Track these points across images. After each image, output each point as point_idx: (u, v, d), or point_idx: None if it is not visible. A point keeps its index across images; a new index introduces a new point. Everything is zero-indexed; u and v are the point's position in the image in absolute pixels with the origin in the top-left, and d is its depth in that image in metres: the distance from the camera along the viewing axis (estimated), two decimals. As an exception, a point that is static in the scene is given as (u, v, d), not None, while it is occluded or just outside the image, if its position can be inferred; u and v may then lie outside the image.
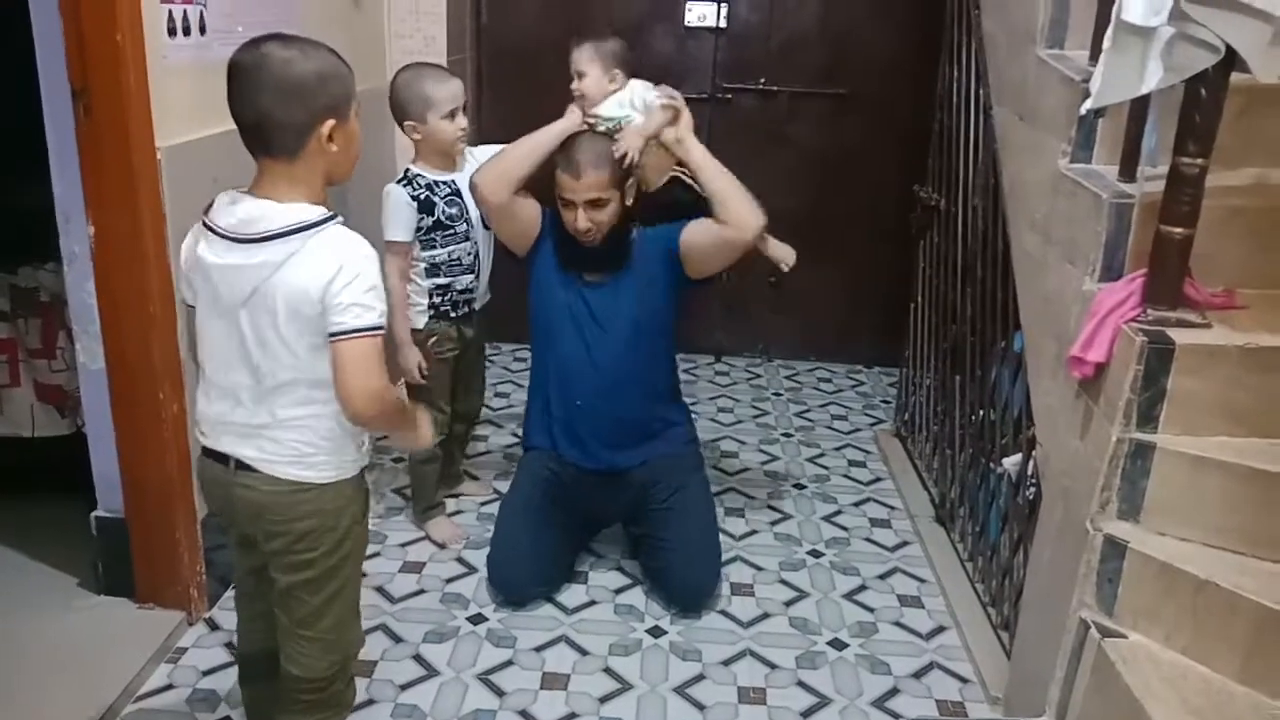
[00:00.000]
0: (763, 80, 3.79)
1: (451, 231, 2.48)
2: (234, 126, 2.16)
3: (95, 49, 1.88)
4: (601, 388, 2.39)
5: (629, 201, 2.35)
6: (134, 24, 1.89)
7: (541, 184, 2.37)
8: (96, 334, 2.08)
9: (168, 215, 2.02)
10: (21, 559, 2.39)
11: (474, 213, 2.50)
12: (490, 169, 2.33)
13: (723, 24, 3.74)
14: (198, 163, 2.12)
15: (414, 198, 2.43)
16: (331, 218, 1.46)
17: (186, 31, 2.08)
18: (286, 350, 1.45)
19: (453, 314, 2.54)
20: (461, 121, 2.45)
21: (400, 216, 2.43)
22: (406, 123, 2.44)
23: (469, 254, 2.51)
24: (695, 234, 2.37)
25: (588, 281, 2.39)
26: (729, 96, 3.81)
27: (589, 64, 2.42)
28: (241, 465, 1.52)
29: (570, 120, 2.36)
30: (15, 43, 1.99)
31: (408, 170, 2.49)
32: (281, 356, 1.46)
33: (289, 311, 1.42)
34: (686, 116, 2.39)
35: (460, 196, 2.49)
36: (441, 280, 2.49)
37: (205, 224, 1.49)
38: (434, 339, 2.53)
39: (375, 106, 3.24)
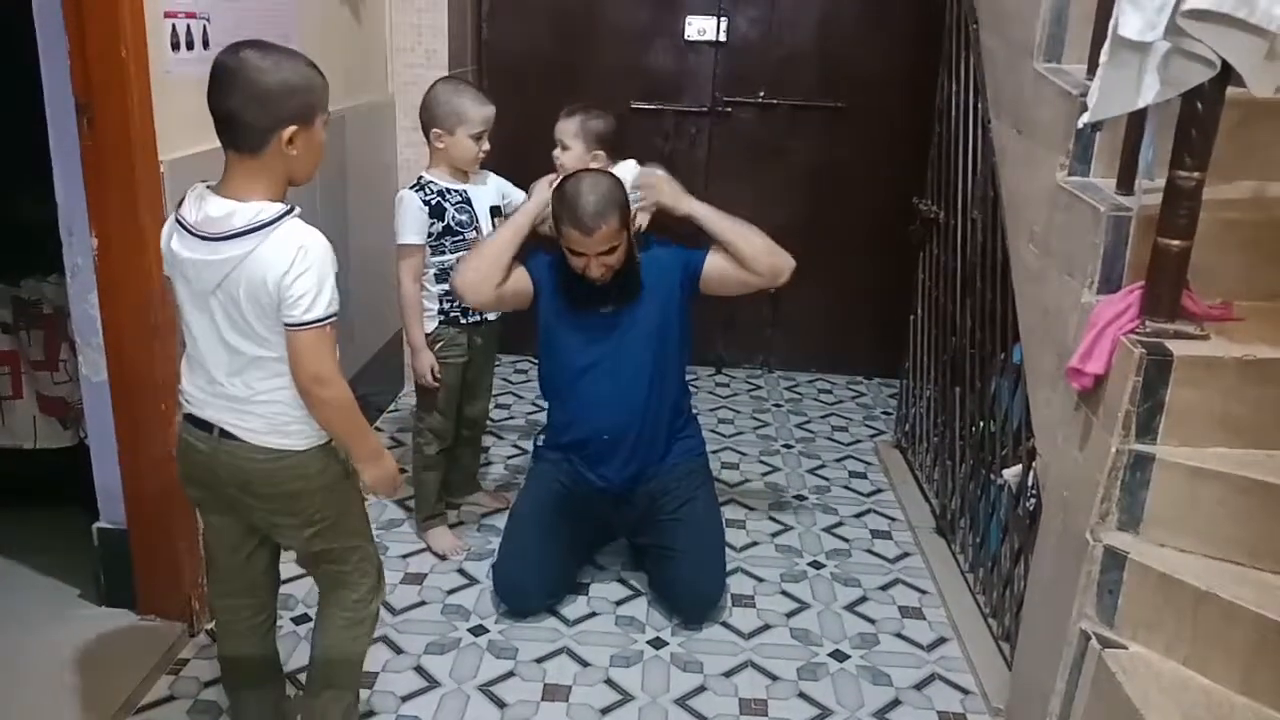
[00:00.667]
0: (762, 93, 3.81)
1: (461, 238, 2.50)
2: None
3: (99, 63, 1.90)
4: (627, 418, 2.39)
5: (633, 230, 2.33)
6: (138, 38, 1.91)
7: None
8: (99, 346, 2.09)
9: (171, 228, 2.03)
10: (23, 570, 2.39)
11: (484, 221, 2.53)
12: (468, 275, 2.31)
13: (722, 38, 3.76)
14: (200, 176, 2.11)
15: (425, 203, 2.46)
16: (288, 212, 1.56)
17: (190, 46, 2.09)
18: (254, 332, 1.57)
19: (463, 320, 2.56)
20: (485, 144, 2.47)
21: (412, 220, 2.46)
22: (434, 130, 2.47)
23: None
24: (720, 271, 2.38)
25: (602, 314, 2.37)
26: (728, 110, 3.83)
27: (573, 139, 2.47)
28: (225, 434, 1.63)
29: (540, 198, 2.36)
30: (20, 56, 2.00)
31: (421, 177, 2.52)
32: (250, 337, 1.58)
33: (250, 300, 1.54)
34: (669, 190, 2.41)
35: (470, 205, 2.52)
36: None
37: (177, 219, 1.60)
38: (440, 343, 2.54)
39: (377, 118, 3.27)
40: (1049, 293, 1.94)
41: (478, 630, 2.33)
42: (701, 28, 3.76)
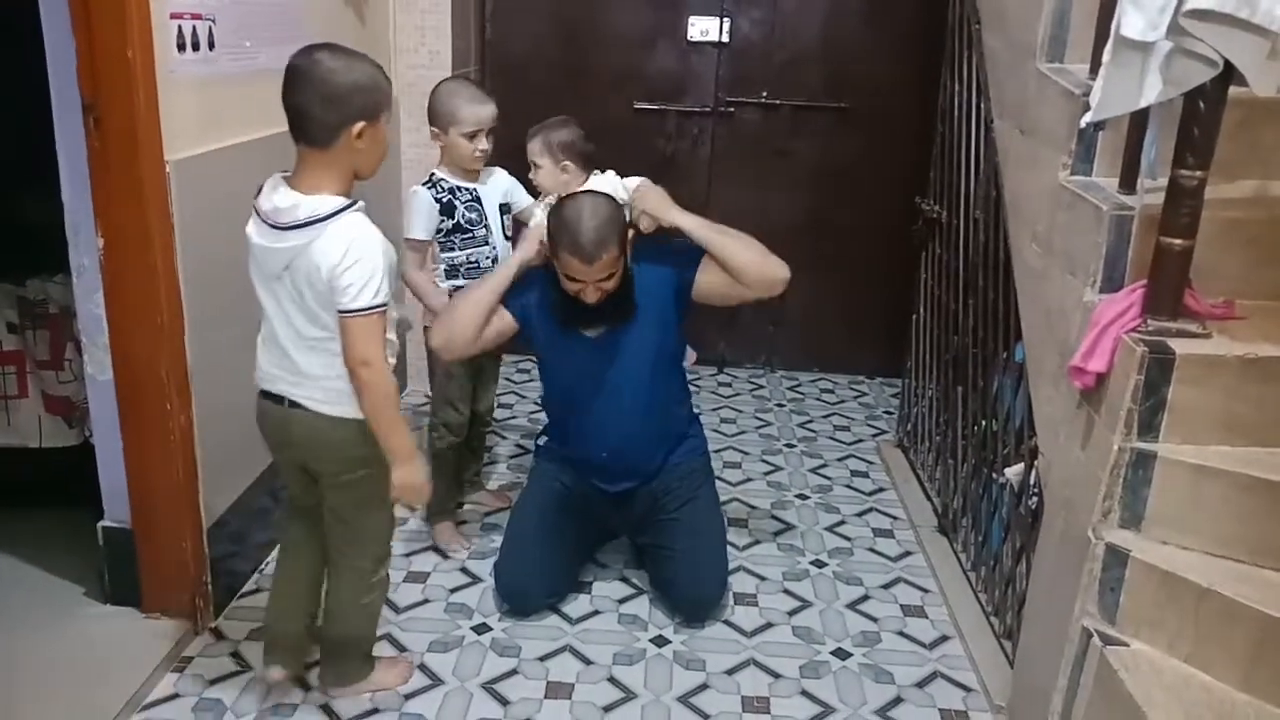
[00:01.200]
0: (765, 94, 3.82)
1: (470, 235, 2.51)
2: (242, 140, 2.21)
3: (106, 63, 1.90)
4: (626, 439, 2.37)
5: (629, 249, 2.27)
6: (144, 39, 1.91)
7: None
8: (105, 345, 2.10)
9: (176, 228, 2.04)
10: (29, 569, 2.40)
11: (494, 220, 2.54)
12: (442, 335, 2.29)
13: (725, 39, 3.76)
14: (206, 176, 2.15)
15: (437, 199, 2.48)
16: (348, 206, 1.72)
17: (196, 47, 2.10)
18: (314, 316, 1.75)
19: None
20: (482, 144, 2.46)
21: (421, 216, 2.47)
22: (432, 129, 2.49)
23: (487, 258, 2.52)
24: (713, 284, 2.30)
25: (596, 338, 2.33)
26: (731, 110, 3.84)
27: (540, 155, 2.46)
28: (294, 404, 1.83)
29: (528, 251, 2.29)
30: (27, 57, 2.01)
31: (433, 174, 2.53)
32: (312, 320, 1.76)
33: (309, 286, 1.72)
34: (655, 200, 2.30)
35: (480, 203, 2.53)
36: (459, 282, 2.50)
37: (254, 206, 1.77)
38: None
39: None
40: (1051, 292, 1.94)
41: (481, 628, 2.34)
42: (704, 28, 3.76)
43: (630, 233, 2.27)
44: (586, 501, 2.46)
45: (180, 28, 2.05)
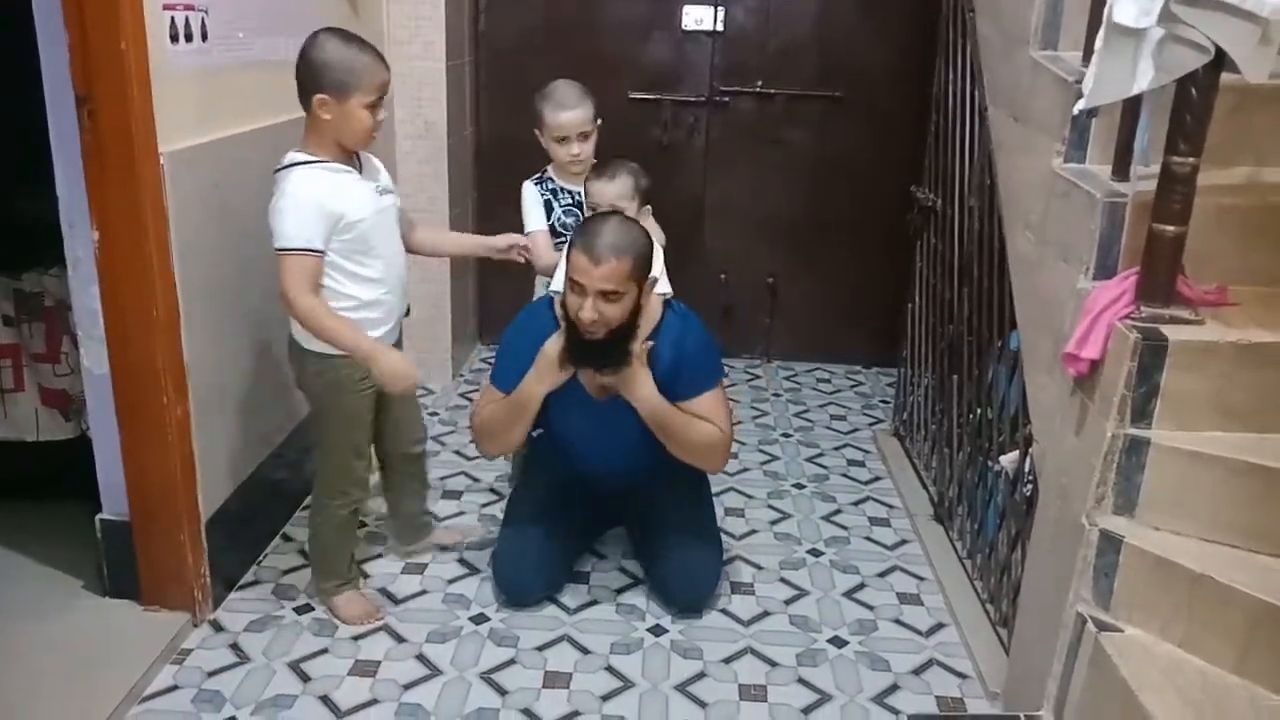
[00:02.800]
0: (759, 83, 3.82)
1: (563, 239, 2.51)
2: (235, 132, 2.22)
3: (99, 56, 1.90)
4: (624, 465, 2.36)
5: (644, 301, 2.16)
6: (137, 31, 1.91)
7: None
8: (101, 338, 2.09)
9: (171, 220, 2.04)
10: (26, 562, 2.40)
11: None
12: (487, 446, 2.38)
13: (719, 28, 3.76)
14: (200, 168, 2.15)
15: (540, 195, 2.52)
16: (304, 162, 2.02)
17: (189, 38, 2.10)
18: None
19: None
20: (574, 148, 2.47)
21: (532, 210, 2.54)
22: (535, 130, 2.52)
23: None
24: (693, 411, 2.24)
25: (599, 399, 2.24)
26: (726, 100, 3.84)
27: (629, 199, 2.38)
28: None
29: (551, 381, 2.18)
30: (19, 50, 2.01)
31: (545, 170, 2.58)
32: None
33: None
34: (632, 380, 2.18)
35: (581, 209, 2.53)
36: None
37: None
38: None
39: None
40: (1045, 279, 1.95)
41: (479, 619, 2.34)
42: (699, 17, 3.76)
43: (652, 284, 2.17)
44: (583, 492, 2.46)
45: (173, 19, 2.04)
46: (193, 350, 2.13)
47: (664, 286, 2.30)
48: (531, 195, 2.58)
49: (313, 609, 2.34)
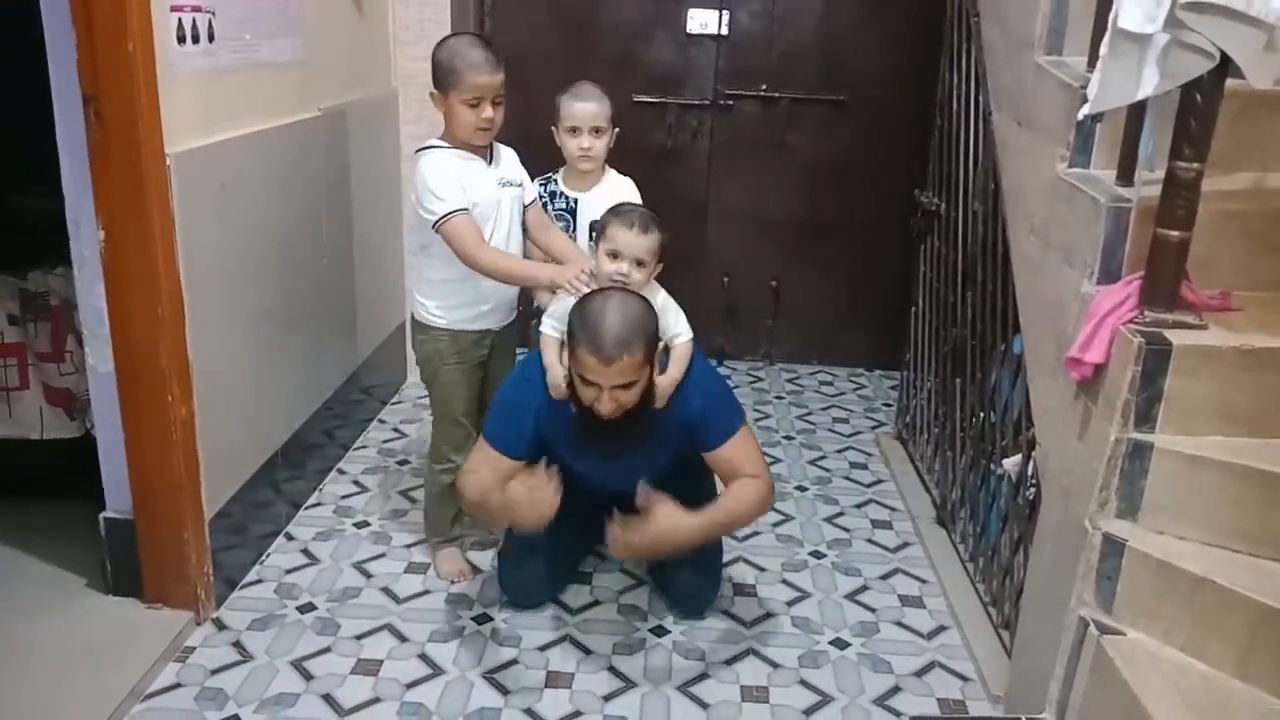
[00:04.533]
0: (764, 87, 3.82)
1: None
2: (241, 133, 2.23)
3: (106, 56, 1.91)
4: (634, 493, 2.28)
5: (657, 374, 2.07)
6: (144, 32, 1.92)
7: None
8: (106, 337, 2.10)
9: (177, 220, 2.04)
10: (30, 560, 2.41)
11: (581, 238, 2.49)
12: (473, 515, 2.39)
13: (724, 31, 3.77)
14: (206, 169, 2.15)
15: (540, 196, 2.51)
16: (428, 147, 2.27)
17: (195, 39, 2.10)
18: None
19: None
20: (585, 141, 2.44)
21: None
22: (552, 127, 2.52)
23: None
24: (719, 469, 2.20)
25: (604, 455, 2.15)
26: (730, 103, 3.84)
27: (654, 255, 2.15)
28: None
29: (540, 520, 2.03)
30: (27, 50, 2.01)
31: (553, 174, 2.57)
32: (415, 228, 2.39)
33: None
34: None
35: (573, 215, 2.51)
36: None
37: None
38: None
39: (381, 110, 3.28)
40: (1049, 284, 1.95)
41: (481, 619, 2.35)
42: (703, 21, 3.76)
43: (662, 350, 2.09)
44: (588, 500, 2.45)
45: (180, 20, 2.05)
46: (197, 349, 2.14)
47: (686, 331, 2.18)
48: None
49: (315, 607, 2.34)
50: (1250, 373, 1.63)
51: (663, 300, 2.18)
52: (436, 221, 2.19)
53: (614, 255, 2.12)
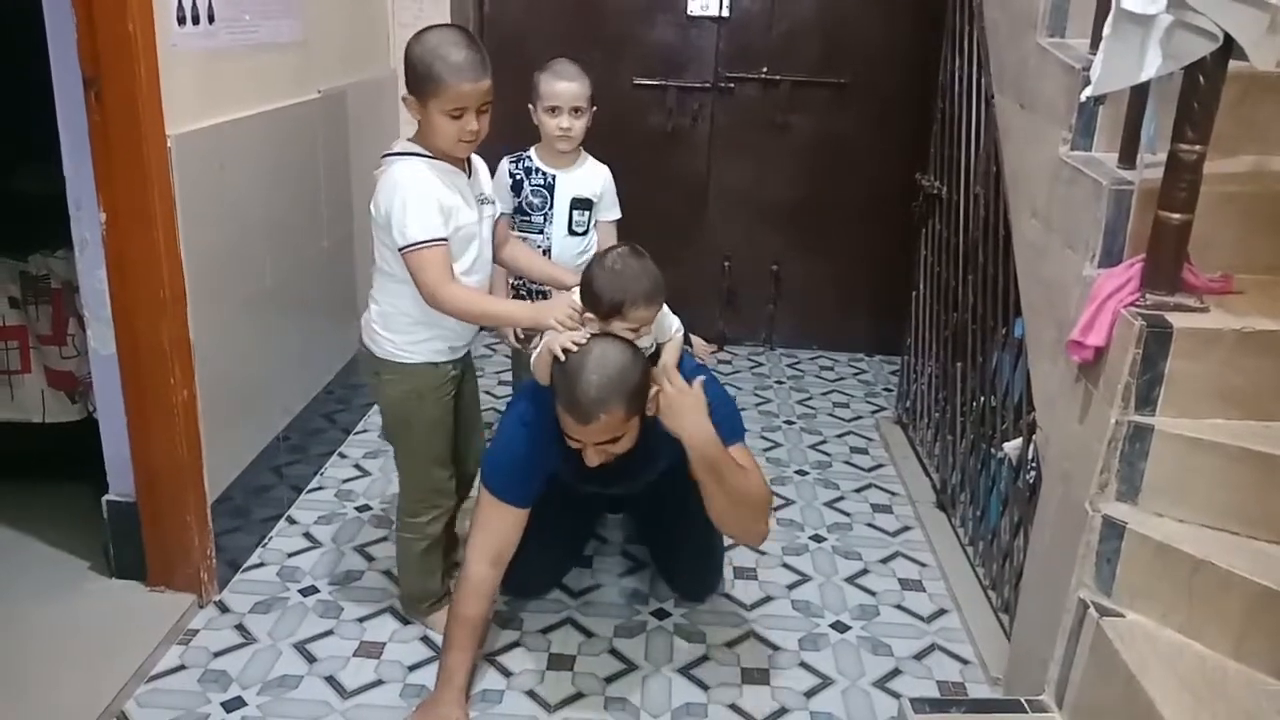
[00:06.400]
0: (765, 69, 3.81)
1: (527, 219, 2.49)
2: (241, 115, 2.21)
3: (106, 37, 1.90)
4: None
5: (649, 413, 1.92)
6: (144, 12, 1.91)
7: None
8: (108, 320, 2.10)
9: (177, 202, 2.04)
10: (33, 543, 2.42)
11: (559, 215, 2.48)
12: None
13: (725, 13, 3.75)
14: (206, 150, 2.15)
15: (512, 174, 2.48)
16: (405, 154, 1.92)
17: (195, 20, 2.10)
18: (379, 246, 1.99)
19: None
20: (564, 121, 2.40)
21: (498, 191, 2.26)
22: (530, 104, 2.48)
23: (539, 248, 2.47)
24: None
25: (605, 482, 2.09)
26: (731, 86, 3.83)
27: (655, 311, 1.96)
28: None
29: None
30: (27, 31, 2.01)
31: (525, 150, 2.52)
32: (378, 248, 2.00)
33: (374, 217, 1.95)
34: (682, 403, 1.92)
35: (550, 191, 2.48)
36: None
37: None
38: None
39: (379, 92, 3.27)
40: (1050, 266, 1.95)
41: (483, 601, 2.35)
42: (704, 3, 3.75)
43: (654, 397, 1.91)
44: (585, 494, 2.45)
45: (180, 1, 2.04)
46: (199, 332, 2.14)
47: (674, 324, 2.08)
48: (500, 172, 2.45)
49: (318, 590, 2.35)
50: (1250, 356, 1.63)
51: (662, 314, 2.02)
52: (408, 247, 1.86)
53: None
